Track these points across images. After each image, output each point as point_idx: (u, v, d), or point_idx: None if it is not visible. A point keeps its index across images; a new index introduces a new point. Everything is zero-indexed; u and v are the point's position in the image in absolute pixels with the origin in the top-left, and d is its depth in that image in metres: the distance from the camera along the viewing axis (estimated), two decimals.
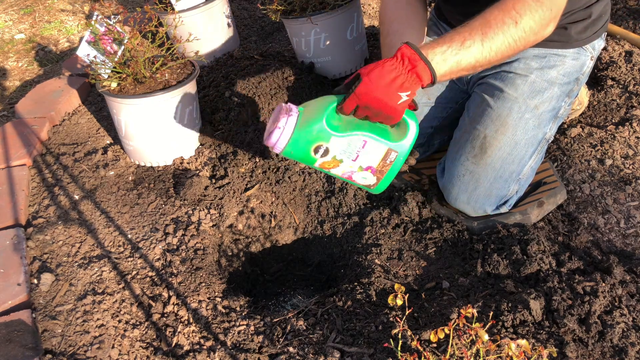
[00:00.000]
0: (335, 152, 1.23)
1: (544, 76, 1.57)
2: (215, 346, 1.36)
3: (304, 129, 1.19)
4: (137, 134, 1.94)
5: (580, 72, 1.62)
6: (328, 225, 1.80)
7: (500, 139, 1.54)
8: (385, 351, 1.24)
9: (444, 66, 1.18)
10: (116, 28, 1.87)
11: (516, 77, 1.58)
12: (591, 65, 1.65)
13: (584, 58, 1.62)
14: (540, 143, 1.59)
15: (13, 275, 1.54)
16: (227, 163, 1.95)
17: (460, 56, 1.19)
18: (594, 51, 1.64)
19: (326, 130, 1.20)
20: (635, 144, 1.78)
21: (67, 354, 1.36)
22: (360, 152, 1.24)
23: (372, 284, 1.47)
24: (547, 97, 1.57)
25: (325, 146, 1.21)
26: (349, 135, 1.22)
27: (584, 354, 1.18)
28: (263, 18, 3.11)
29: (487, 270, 1.44)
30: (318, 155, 1.22)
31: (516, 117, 1.54)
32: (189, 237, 1.72)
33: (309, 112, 1.21)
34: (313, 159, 1.23)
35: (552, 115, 1.59)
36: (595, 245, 1.48)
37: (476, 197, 1.57)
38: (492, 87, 1.61)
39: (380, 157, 1.26)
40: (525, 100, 1.55)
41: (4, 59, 3.17)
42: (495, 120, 1.56)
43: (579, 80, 1.63)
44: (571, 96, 1.63)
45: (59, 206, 1.84)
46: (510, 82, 1.58)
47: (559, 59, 1.59)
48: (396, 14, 1.60)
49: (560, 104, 1.60)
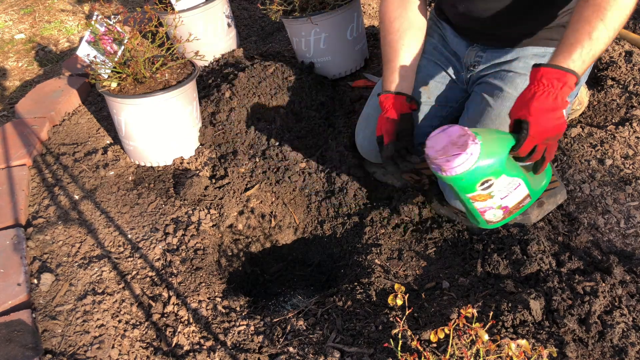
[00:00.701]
0: (495, 188, 1.22)
1: None
2: (215, 346, 1.36)
3: (487, 160, 1.17)
4: (137, 134, 1.94)
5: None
6: (328, 225, 1.80)
7: None
8: (385, 351, 1.24)
9: (583, 65, 1.22)
10: (116, 28, 1.87)
11: (516, 76, 1.58)
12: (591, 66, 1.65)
13: None
14: None
15: (13, 275, 1.54)
16: (227, 163, 1.95)
17: (593, 50, 1.22)
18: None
19: (502, 167, 1.19)
20: (635, 144, 1.78)
21: (67, 354, 1.36)
22: (511, 192, 1.25)
23: (372, 284, 1.47)
24: None
25: (492, 181, 1.20)
26: (513, 176, 1.22)
27: (584, 354, 1.18)
28: (263, 18, 3.11)
29: (487, 270, 1.44)
30: (481, 187, 1.21)
31: None
32: (189, 237, 1.72)
33: (489, 145, 1.18)
34: (473, 189, 1.22)
35: None
36: (595, 245, 1.48)
37: None
38: (491, 86, 1.61)
39: (519, 200, 1.28)
40: None
41: (4, 59, 3.17)
42: (495, 120, 1.55)
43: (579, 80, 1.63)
44: (570, 96, 1.63)
45: (59, 206, 1.84)
46: (510, 81, 1.58)
47: None
48: (397, 12, 1.61)
49: None
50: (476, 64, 1.68)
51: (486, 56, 1.66)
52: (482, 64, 1.67)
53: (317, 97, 2.24)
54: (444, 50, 1.77)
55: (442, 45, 1.77)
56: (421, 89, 1.75)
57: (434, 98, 1.77)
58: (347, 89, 2.35)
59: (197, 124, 2.06)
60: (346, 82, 2.42)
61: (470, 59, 1.69)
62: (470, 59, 1.69)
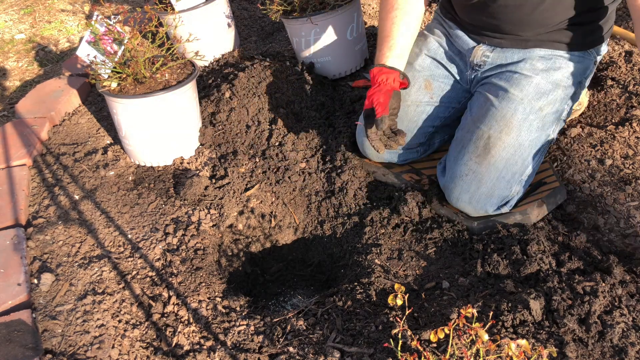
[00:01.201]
0: None
1: (549, 78, 1.57)
2: (215, 346, 1.36)
3: None
4: (137, 134, 1.94)
5: (583, 75, 1.62)
6: (328, 225, 1.80)
7: (505, 139, 1.54)
8: (385, 351, 1.24)
9: None
10: (116, 28, 1.87)
11: (522, 78, 1.57)
12: (593, 70, 1.65)
13: (587, 61, 1.62)
14: (543, 145, 1.59)
15: (13, 275, 1.54)
16: (227, 163, 1.95)
17: None
18: (598, 56, 1.64)
19: None
20: (635, 144, 1.78)
21: (67, 354, 1.36)
22: None
23: (372, 284, 1.47)
24: (551, 99, 1.57)
25: None
26: None
27: (584, 354, 1.18)
28: (263, 18, 3.11)
29: (487, 270, 1.44)
30: None
31: (521, 118, 1.54)
32: (189, 237, 1.72)
33: None
34: None
35: (555, 117, 1.59)
36: (595, 245, 1.48)
37: (478, 197, 1.57)
38: (496, 87, 1.61)
39: None
40: (531, 101, 1.55)
41: (4, 59, 3.17)
42: (499, 121, 1.55)
43: (582, 83, 1.63)
44: (574, 99, 1.63)
45: (59, 206, 1.84)
46: (516, 82, 1.58)
47: (564, 61, 1.59)
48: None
49: (563, 106, 1.60)
50: (482, 64, 1.68)
51: (493, 56, 1.66)
52: (488, 65, 1.67)
53: (317, 97, 2.24)
54: (448, 49, 1.77)
55: (447, 44, 1.77)
56: (424, 88, 1.75)
57: (437, 98, 1.77)
58: (347, 89, 2.35)
59: (197, 124, 2.06)
60: (346, 82, 2.42)
61: (476, 58, 1.69)
62: (477, 58, 1.69)
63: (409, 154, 1.84)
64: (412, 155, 1.85)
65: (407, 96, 1.75)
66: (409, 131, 1.77)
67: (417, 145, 1.82)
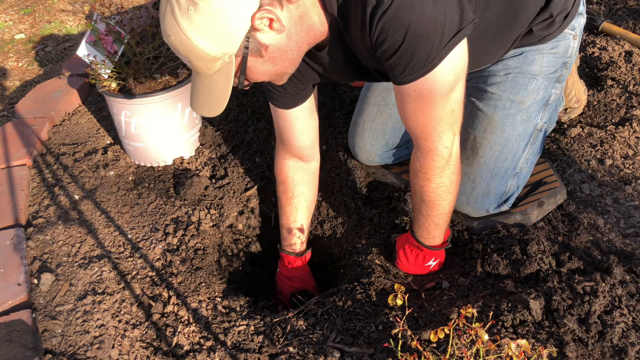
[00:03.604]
0: None
1: (524, 71, 1.56)
2: (215, 346, 1.36)
3: None
4: (138, 134, 1.94)
5: (566, 56, 1.59)
6: (328, 225, 1.80)
7: (490, 138, 1.55)
8: (385, 351, 1.24)
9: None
10: (116, 28, 1.87)
11: (498, 78, 1.58)
12: (577, 44, 1.60)
13: (565, 42, 1.58)
14: (532, 135, 1.59)
15: (13, 275, 1.54)
16: (227, 163, 1.95)
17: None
18: (577, 29, 1.59)
19: None
20: (635, 144, 1.78)
21: (67, 354, 1.36)
22: None
23: (372, 284, 1.47)
24: (532, 90, 1.56)
25: None
26: None
27: (584, 354, 1.18)
28: None
29: (487, 270, 1.44)
30: None
31: (502, 115, 1.55)
32: (189, 237, 1.72)
33: None
34: None
35: (541, 105, 1.59)
36: (595, 245, 1.48)
37: (475, 197, 1.57)
38: (476, 89, 1.62)
39: None
40: (509, 96, 1.55)
41: (4, 59, 3.17)
42: (482, 121, 1.57)
43: (567, 63, 1.61)
44: (561, 81, 1.62)
45: (59, 206, 1.84)
46: (493, 82, 1.59)
47: (537, 53, 1.56)
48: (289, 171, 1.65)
49: (549, 92, 1.59)
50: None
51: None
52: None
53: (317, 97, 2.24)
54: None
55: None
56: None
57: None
58: (347, 89, 2.35)
59: (197, 124, 2.06)
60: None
61: None
62: None
63: (400, 152, 1.84)
64: (404, 152, 1.85)
65: (388, 98, 1.76)
66: (395, 130, 1.78)
67: (406, 142, 1.83)
